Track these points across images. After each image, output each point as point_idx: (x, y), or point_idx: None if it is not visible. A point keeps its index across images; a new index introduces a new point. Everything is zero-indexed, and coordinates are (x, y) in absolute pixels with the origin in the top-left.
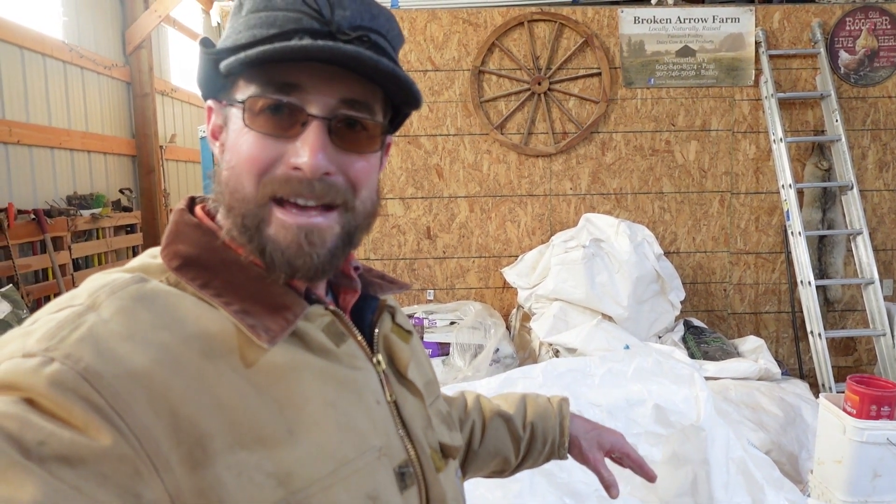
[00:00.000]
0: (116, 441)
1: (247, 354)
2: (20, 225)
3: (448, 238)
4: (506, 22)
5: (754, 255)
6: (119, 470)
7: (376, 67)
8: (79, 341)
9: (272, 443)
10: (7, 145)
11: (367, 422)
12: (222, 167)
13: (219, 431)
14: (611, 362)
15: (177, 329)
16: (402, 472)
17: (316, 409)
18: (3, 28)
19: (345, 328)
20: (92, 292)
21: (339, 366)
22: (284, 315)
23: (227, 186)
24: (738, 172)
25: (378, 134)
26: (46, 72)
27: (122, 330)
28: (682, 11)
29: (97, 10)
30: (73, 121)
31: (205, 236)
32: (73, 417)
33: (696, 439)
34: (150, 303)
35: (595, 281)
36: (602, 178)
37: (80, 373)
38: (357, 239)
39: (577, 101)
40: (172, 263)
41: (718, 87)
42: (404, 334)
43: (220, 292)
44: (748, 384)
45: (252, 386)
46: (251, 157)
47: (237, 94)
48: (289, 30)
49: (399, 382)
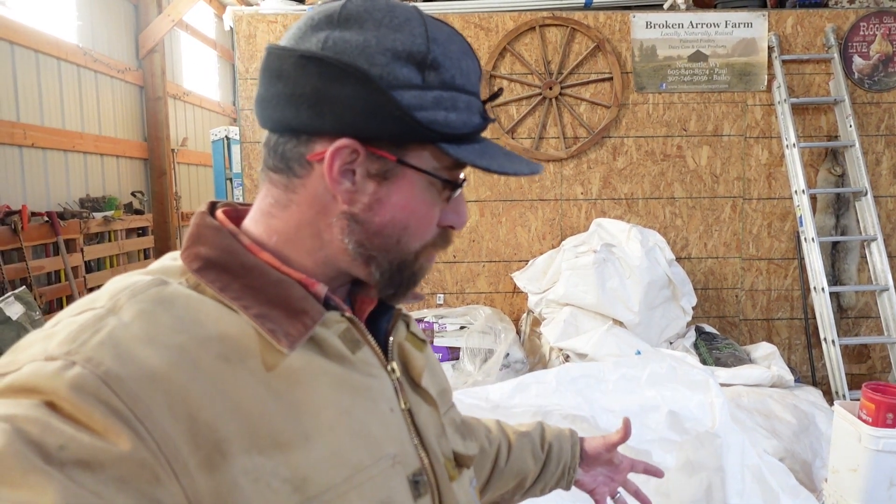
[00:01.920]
0: (136, 446)
1: (266, 359)
2: (34, 227)
3: (458, 242)
4: (517, 27)
5: (766, 261)
6: (138, 475)
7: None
8: (99, 345)
9: (289, 448)
10: (21, 148)
11: (381, 429)
12: (374, 217)
13: (236, 436)
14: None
15: (196, 332)
16: (416, 480)
17: (331, 415)
18: (19, 32)
19: (360, 335)
20: (113, 295)
21: (354, 373)
22: (302, 320)
23: (388, 239)
24: (751, 178)
25: None
26: (61, 75)
27: (142, 334)
28: (695, 16)
29: (111, 15)
30: (86, 124)
31: (225, 239)
32: (94, 422)
33: (711, 446)
34: (170, 306)
35: (606, 286)
36: (613, 182)
37: (101, 377)
38: None
39: (589, 106)
40: (193, 265)
41: (731, 92)
42: (419, 343)
43: (239, 296)
44: (761, 391)
45: (270, 390)
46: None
47: (418, 160)
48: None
49: (413, 391)
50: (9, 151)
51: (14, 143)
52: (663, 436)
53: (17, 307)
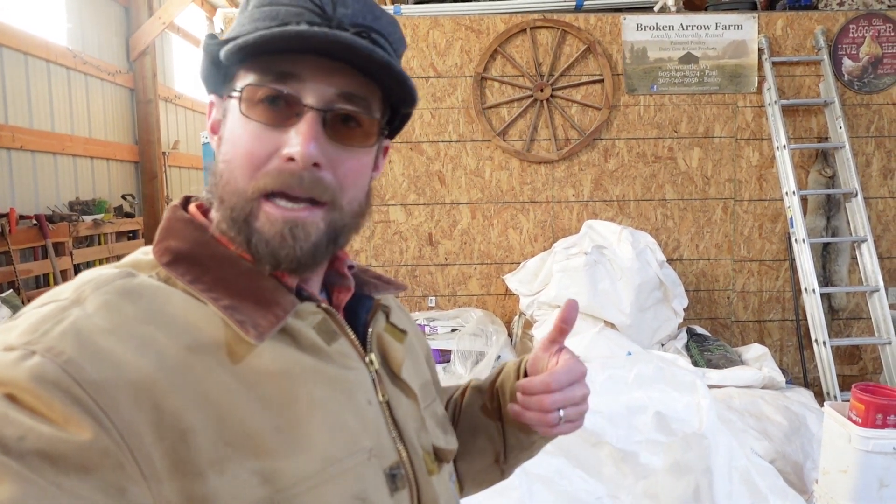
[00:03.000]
0: (98, 435)
1: (235, 350)
2: (22, 230)
3: (450, 245)
4: (508, 29)
5: (758, 262)
6: (101, 464)
7: (370, 57)
8: (61, 335)
9: (258, 440)
10: (10, 150)
11: (357, 422)
12: (218, 160)
13: (203, 427)
14: (611, 368)
15: (163, 323)
16: (392, 473)
17: (304, 407)
18: (7, 34)
19: (337, 326)
20: (77, 287)
21: (330, 364)
22: (274, 311)
23: (222, 178)
24: (742, 179)
25: (374, 131)
26: (50, 78)
27: (106, 324)
28: (685, 18)
29: (102, 17)
30: (76, 126)
31: (196, 231)
32: (54, 411)
33: (699, 447)
34: (137, 297)
35: (597, 288)
36: (605, 184)
37: (62, 366)
38: (344, 238)
39: (580, 108)
40: (163, 259)
41: (721, 93)
42: (398, 334)
43: (209, 287)
44: (752, 392)
45: (240, 382)
46: (247, 151)
47: (236, 85)
48: (290, 22)
49: (392, 383)
50: None
51: (2, 146)
52: (650, 437)
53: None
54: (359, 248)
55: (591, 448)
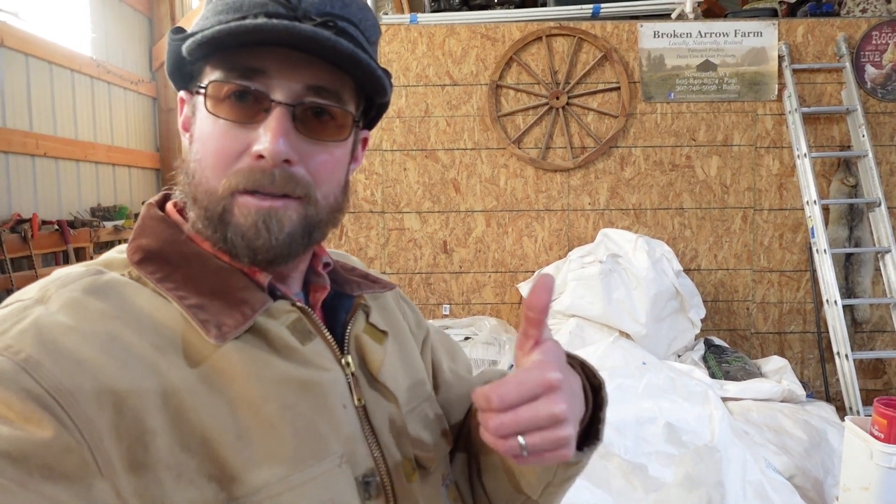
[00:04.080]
0: (59, 433)
1: (201, 350)
2: (44, 235)
3: (464, 252)
4: (524, 37)
5: (778, 273)
6: (65, 461)
7: (334, 49)
8: (20, 333)
9: (217, 444)
10: (34, 157)
11: (328, 427)
12: (189, 158)
13: (162, 429)
14: (620, 378)
15: (129, 321)
16: (366, 481)
17: (272, 411)
18: (33, 44)
19: (312, 326)
20: (43, 286)
21: (302, 366)
22: (241, 310)
23: (194, 178)
24: (762, 188)
25: (347, 124)
26: (74, 87)
27: (69, 321)
28: (703, 26)
29: (125, 28)
30: (98, 134)
31: (168, 230)
32: (12, 410)
33: (711, 460)
34: (103, 295)
35: (612, 297)
36: (621, 193)
37: (19, 363)
38: (319, 233)
39: (596, 116)
40: (134, 257)
41: (741, 101)
42: (378, 334)
43: (178, 286)
44: (771, 406)
45: (203, 384)
46: (216, 150)
47: (202, 81)
48: (253, 14)
49: (370, 386)
50: (21, 161)
51: (27, 153)
52: (660, 449)
53: None
54: (373, 255)
55: (599, 459)
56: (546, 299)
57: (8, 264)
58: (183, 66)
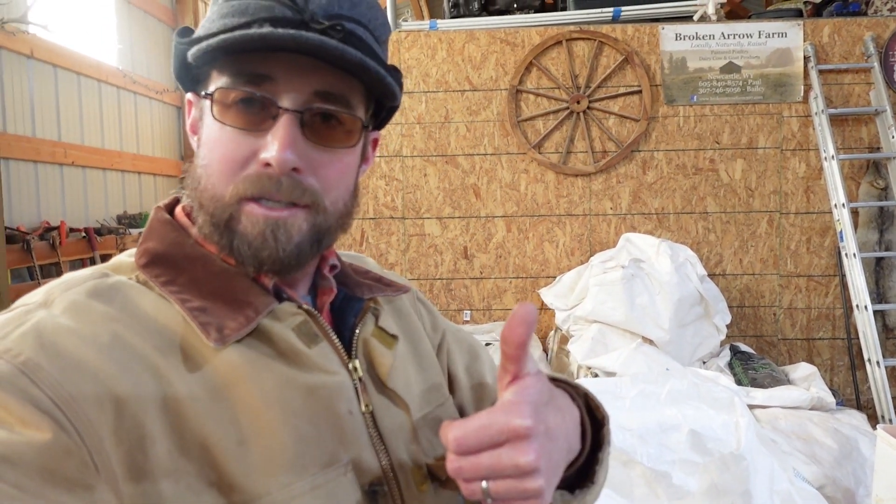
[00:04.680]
0: (58, 435)
1: (204, 354)
2: (71, 242)
3: (485, 258)
4: (544, 41)
5: (806, 277)
6: (64, 463)
7: (342, 57)
8: (21, 336)
9: (217, 451)
10: (62, 166)
11: (333, 433)
12: (196, 163)
13: (161, 435)
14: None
15: (132, 323)
16: (373, 490)
17: (276, 416)
18: (62, 55)
19: (318, 329)
20: (48, 290)
21: (307, 370)
22: (245, 312)
23: (200, 184)
24: (788, 191)
25: (356, 128)
26: (101, 96)
27: (72, 324)
28: (726, 27)
29: (150, 38)
30: (124, 143)
31: (174, 233)
32: (11, 414)
33: (737, 469)
34: (107, 298)
35: (635, 302)
36: (643, 197)
37: (18, 366)
38: (329, 239)
39: (617, 120)
40: (141, 261)
41: (765, 103)
42: (388, 338)
43: (182, 289)
44: (799, 414)
45: (205, 388)
46: (223, 156)
47: (209, 87)
48: (259, 18)
49: (379, 391)
50: (50, 170)
51: (55, 162)
52: (684, 457)
53: None
54: (394, 261)
55: (622, 467)
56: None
57: (37, 271)
58: (189, 69)
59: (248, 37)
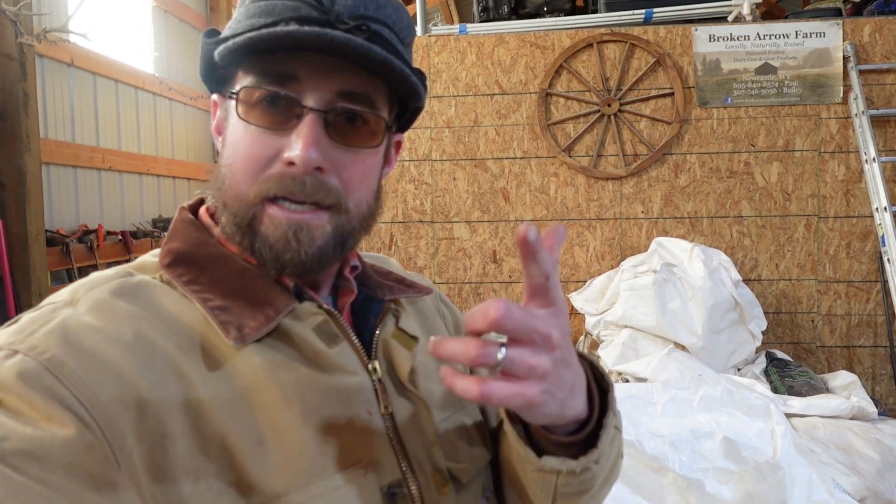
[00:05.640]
0: (81, 431)
1: (224, 353)
2: (108, 245)
3: (514, 262)
4: (574, 44)
5: (845, 283)
6: (88, 459)
7: (367, 56)
8: (47, 334)
9: (237, 450)
10: (100, 171)
11: (352, 434)
12: (221, 163)
13: (182, 433)
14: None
15: (155, 322)
16: (392, 492)
17: (295, 417)
18: (101, 63)
19: (339, 329)
20: (74, 289)
21: (327, 370)
22: (265, 311)
23: (224, 184)
24: (826, 195)
25: (380, 129)
26: (138, 103)
27: (96, 322)
28: (762, 28)
29: (185, 46)
30: (160, 148)
31: (197, 233)
32: (36, 409)
33: (773, 478)
34: (132, 296)
35: (667, 308)
36: (675, 201)
37: (43, 363)
38: (352, 241)
39: (649, 123)
40: (164, 260)
41: (803, 105)
42: (408, 340)
43: (203, 289)
44: (839, 423)
45: (226, 387)
46: (248, 155)
47: (235, 86)
48: (286, 18)
49: (399, 393)
50: (89, 174)
51: (93, 167)
52: (718, 465)
53: None
54: (423, 264)
55: (654, 474)
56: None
57: (75, 273)
58: (215, 69)
59: (275, 34)
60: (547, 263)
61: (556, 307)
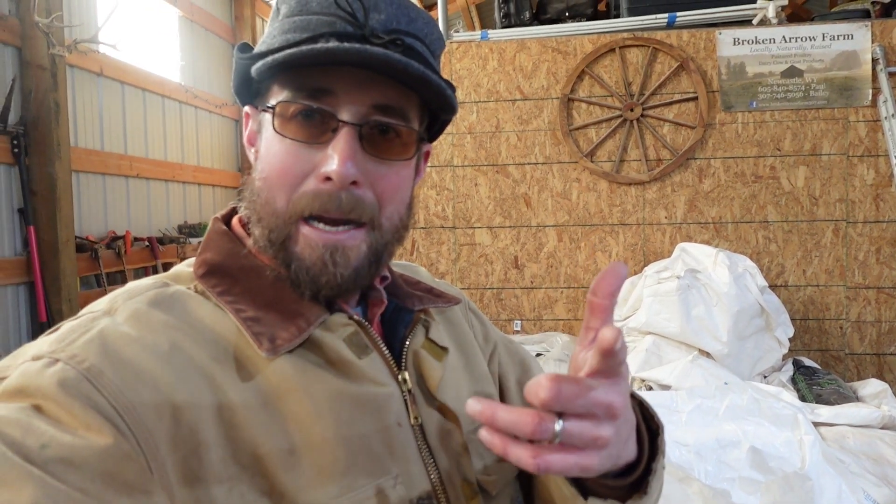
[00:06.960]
0: (118, 440)
1: (257, 364)
2: (135, 251)
3: (536, 268)
4: (596, 49)
5: (875, 289)
6: (125, 468)
7: (406, 71)
8: (86, 343)
9: (269, 460)
10: (128, 178)
11: (383, 445)
12: (255, 176)
13: (216, 443)
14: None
15: (190, 332)
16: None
17: (326, 427)
18: (129, 73)
19: (369, 340)
20: (112, 298)
21: (357, 381)
22: (297, 323)
23: (259, 197)
24: (855, 199)
25: (412, 141)
26: (164, 111)
27: (133, 332)
28: (788, 30)
29: (211, 54)
30: (186, 155)
31: (230, 244)
32: (75, 418)
33: (801, 489)
34: (168, 307)
35: (691, 314)
36: (699, 206)
37: (83, 372)
38: (387, 256)
39: (672, 127)
40: (199, 271)
41: (830, 108)
42: (437, 350)
43: (236, 299)
44: (869, 433)
45: (258, 398)
46: (283, 169)
47: (270, 100)
48: (322, 33)
49: (429, 404)
50: (117, 181)
51: (121, 174)
52: (744, 475)
53: None
54: (444, 270)
55: (678, 483)
56: (614, 283)
57: (104, 278)
58: (250, 83)
59: (315, 51)
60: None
61: (619, 377)
